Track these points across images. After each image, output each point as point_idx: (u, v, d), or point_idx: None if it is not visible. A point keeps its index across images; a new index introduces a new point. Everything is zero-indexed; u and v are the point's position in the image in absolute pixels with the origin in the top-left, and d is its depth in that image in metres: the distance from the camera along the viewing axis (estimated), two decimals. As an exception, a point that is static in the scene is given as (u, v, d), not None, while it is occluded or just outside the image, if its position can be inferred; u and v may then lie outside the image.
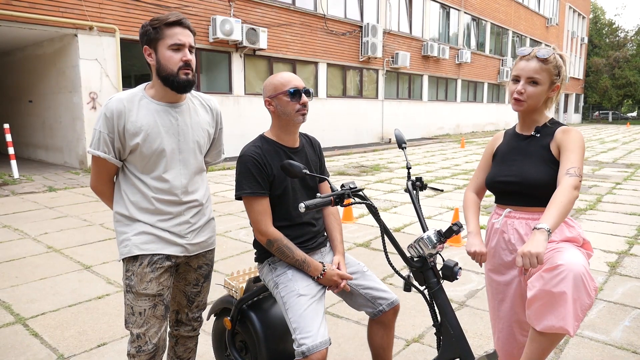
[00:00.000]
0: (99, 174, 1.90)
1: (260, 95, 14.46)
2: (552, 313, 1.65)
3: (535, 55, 1.90)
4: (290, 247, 2.03)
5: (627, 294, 3.79)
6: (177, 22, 1.80)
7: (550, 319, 1.66)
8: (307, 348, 1.81)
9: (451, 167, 12.13)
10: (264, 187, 2.03)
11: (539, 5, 33.17)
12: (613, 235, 5.50)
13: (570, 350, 2.93)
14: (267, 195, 2.05)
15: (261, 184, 2.01)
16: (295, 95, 2.02)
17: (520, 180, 1.94)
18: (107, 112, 1.80)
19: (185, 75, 1.83)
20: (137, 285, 1.85)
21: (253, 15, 13.87)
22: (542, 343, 1.74)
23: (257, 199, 2.02)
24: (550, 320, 1.66)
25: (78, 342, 3.05)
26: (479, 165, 2.23)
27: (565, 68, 1.95)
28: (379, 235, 5.56)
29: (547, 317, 1.67)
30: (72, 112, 10.92)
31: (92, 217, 6.46)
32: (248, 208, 2.04)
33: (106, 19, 10.65)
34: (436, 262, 1.81)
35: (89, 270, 4.37)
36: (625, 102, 52.69)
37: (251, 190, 2.00)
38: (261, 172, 2.02)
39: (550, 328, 1.67)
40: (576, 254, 1.72)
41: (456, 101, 25.14)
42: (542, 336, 1.73)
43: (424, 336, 3.12)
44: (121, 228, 1.90)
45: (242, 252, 4.92)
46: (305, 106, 2.06)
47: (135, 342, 1.85)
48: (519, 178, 1.94)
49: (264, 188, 2.02)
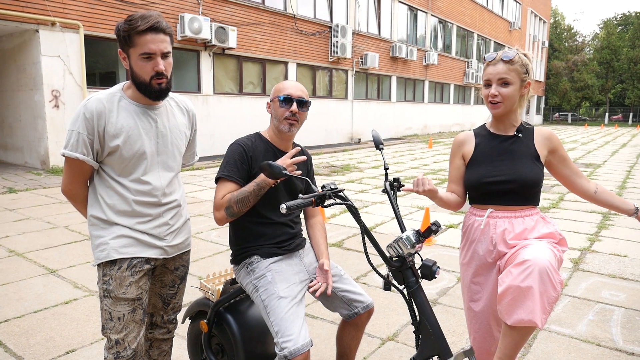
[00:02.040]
0: (73, 177, 1.83)
1: (229, 95, 14.33)
2: (520, 307, 1.72)
3: (500, 58, 1.96)
4: (240, 191, 2.00)
5: (590, 288, 3.94)
6: (148, 29, 1.69)
7: (520, 313, 1.72)
8: (290, 352, 1.81)
9: (420, 167, 12.32)
10: (242, 173, 2.05)
11: (503, 10, 34.08)
12: (575, 233, 5.71)
13: (539, 345, 3.02)
14: (240, 183, 2.06)
15: (239, 170, 2.05)
16: (285, 103, 2.08)
17: (515, 179, 1.98)
18: (87, 113, 1.73)
19: (158, 85, 1.77)
20: (116, 289, 1.80)
21: (222, 13, 13.72)
22: (514, 337, 1.81)
23: (229, 182, 2.04)
24: (519, 314, 1.73)
25: (45, 349, 2.94)
26: (450, 177, 2.21)
27: (531, 66, 2.03)
28: (351, 235, 5.60)
29: (517, 311, 1.73)
30: (33, 110, 10.54)
31: (56, 219, 6.25)
32: (217, 190, 2.06)
33: (69, 15, 10.32)
34: (414, 262, 1.84)
35: (55, 274, 4.23)
36: (583, 104, 54.71)
37: (227, 173, 2.04)
38: (244, 162, 2.05)
39: (520, 322, 1.73)
40: (542, 249, 1.78)
41: (424, 102, 25.54)
42: (513, 330, 1.79)
43: (399, 334, 3.16)
44: (97, 232, 1.84)
45: (214, 254, 4.86)
46: (294, 115, 2.08)
47: (114, 348, 1.80)
48: (513, 177, 1.98)
49: (240, 175, 2.05)
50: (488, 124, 2.15)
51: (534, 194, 2.03)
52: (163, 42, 1.74)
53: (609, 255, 4.84)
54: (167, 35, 1.76)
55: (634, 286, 3.99)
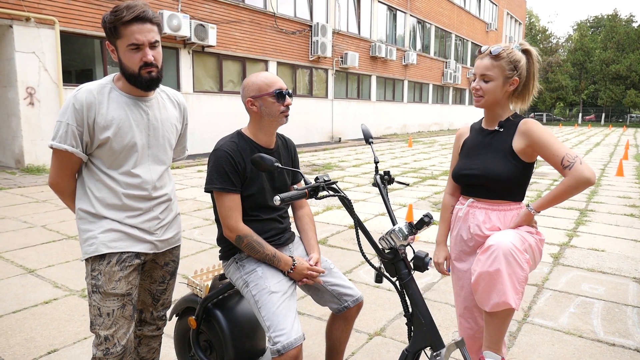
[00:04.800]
0: (61, 170, 1.79)
1: (209, 93, 14.19)
2: (493, 291, 1.78)
3: (488, 52, 1.97)
4: (260, 242, 2.01)
5: (570, 282, 4.03)
6: (134, 19, 1.66)
7: (494, 297, 1.79)
8: (283, 346, 1.80)
9: (400, 165, 12.41)
10: (236, 183, 2.00)
11: (480, 11, 34.59)
12: (554, 229, 5.82)
13: (523, 337, 3.07)
14: (238, 191, 2.02)
15: (232, 180, 1.99)
16: (280, 97, 2.03)
17: (482, 174, 2.01)
18: (77, 104, 1.70)
19: (148, 74, 1.75)
20: (105, 284, 1.76)
21: (201, 11, 13.58)
22: (495, 324, 1.86)
23: (228, 194, 1.99)
24: (494, 299, 1.79)
25: (26, 350, 2.86)
26: (451, 164, 2.29)
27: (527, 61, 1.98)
28: (335, 232, 5.60)
29: (491, 296, 1.80)
30: (6, 108, 10.25)
31: (33, 218, 6.10)
32: (218, 203, 2.00)
33: (45, 10, 10.07)
34: (407, 254, 1.85)
35: (33, 274, 4.12)
36: (558, 104, 55.94)
37: (221, 185, 1.97)
38: (234, 169, 1.99)
39: (496, 306, 1.79)
40: (505, 234, 1.84)
41: (403, 102, 25.74)
42: (493, 317, 1.85)
43: (385, 329, 3.18)
44: (85, 226, 1.80)
45: (197, 252, 4.80)
46: (288, 108, 2.06)
47: (103, 344, 1.76)
48: (481, 171, 2.01)
49: (235, 184, 2.00)
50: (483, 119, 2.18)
51: (509, 189, 2.00)
52: (150, 31, 1.71)
53: (588, 250, 4.95)
54: (155, 25, 1.73)
55: (612, 279, 4.10)
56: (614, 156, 15.31)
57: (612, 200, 7.73)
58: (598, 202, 7.56)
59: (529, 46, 2.01)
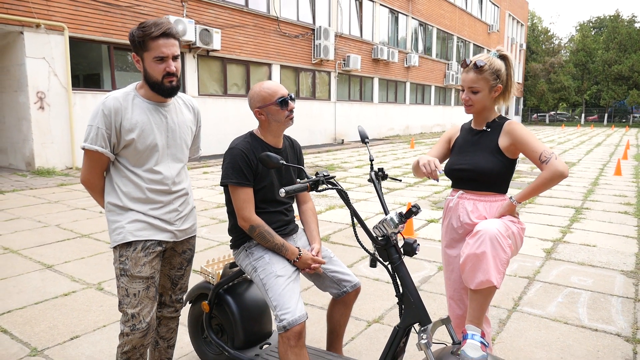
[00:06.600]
0: (92, 168, 2.03)
1: (214, 96, 14.46)
2: (479, 271, 2.01)
3: (473, 66, 2.21)
4: (270, 232, 2.24)
5: (560, 275, 4.24)
6: (161, 34, 1.92)
7: (479, 276, 2.01)
8: (288, 322, 2.03)
9: (402, 166, 12.63)
10: (249, 178, 2.24)
11: (482, 13, 34.79)
12: (549, 226, 6.03)
13: (512, 324, 3.29)
14: (251, 186, 2.25)
15: (246, 176, 2.22)
16: (283, 104, 2.26)
17: (472, 169, 2.27)
18: (105, 110, 1.94)
19: (169, 83, 2.00)
20: (132, 268, 2.00)
21: (206, 16, 13.86)
22: (478, 300, 2.08)
23: (242, 188, 2.22)
24: (478, 277, 2.01)
25: (50, 336, 3.10)
26: (435, 145, 2.56)
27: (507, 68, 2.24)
28: (337, 230, 5.83)
29: (477, 275, 2.02)
30: (17, 112, 10.54)
31: (47, 218, 6.35)
32: (233, 196, 2.24)
33: (54, 17, 10.37)
34: (397, 240, 2.07)
35: (51, 269, 4.36)
36: (560, 105, 56.00)
37: (237, 180, 2.21)
38: (248, 165, 2.23)
39: (481, 284, 2.02)
40: (492, 222, 2.08)
41: (405, 103, 25.96)
42: (477, 293, 2.07)
43: (383, 317, 3.40)
44: (114, 217, 2.05)
45: (205, 249, 5.04)
46: (292, 111, 2.30)
47: (130, 321, 1.99)
48: (471, 166, 2.28)
49: (248, 179, 2.23)
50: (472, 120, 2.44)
51: (494, 182, 2.26)
52: (174, 46, 1.97)
53: (579, 245, 5.16)
54: (177, 40, 1.99)
55: (601, 272, 4.30)
56: (614, 156, 15.48)
57: (608, 199, 7.92)
58: (594, 201, 7.76)
59: (505, 51, 2.27)
